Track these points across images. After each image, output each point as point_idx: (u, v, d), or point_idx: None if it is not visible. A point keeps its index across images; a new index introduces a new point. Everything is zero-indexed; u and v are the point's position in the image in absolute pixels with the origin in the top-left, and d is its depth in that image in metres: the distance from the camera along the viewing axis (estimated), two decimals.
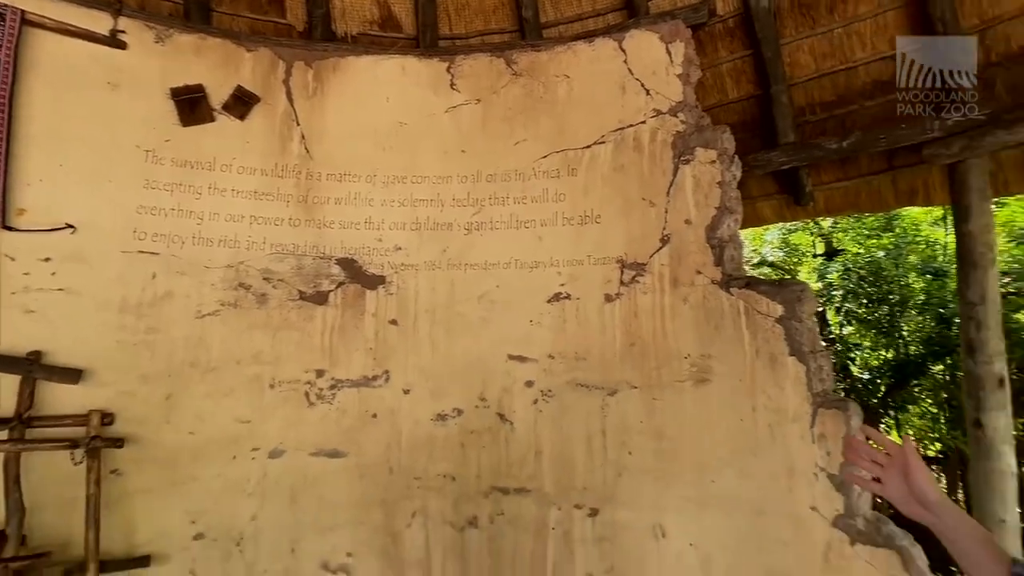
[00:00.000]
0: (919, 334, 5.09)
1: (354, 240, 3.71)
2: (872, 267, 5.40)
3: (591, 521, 3.20)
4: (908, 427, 5.57)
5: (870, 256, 5.52)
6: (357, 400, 3.49)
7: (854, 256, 5.75)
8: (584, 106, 3.68)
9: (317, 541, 3.31)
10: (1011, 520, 3.01)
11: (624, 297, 3.36)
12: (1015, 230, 5.21)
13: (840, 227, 6.12)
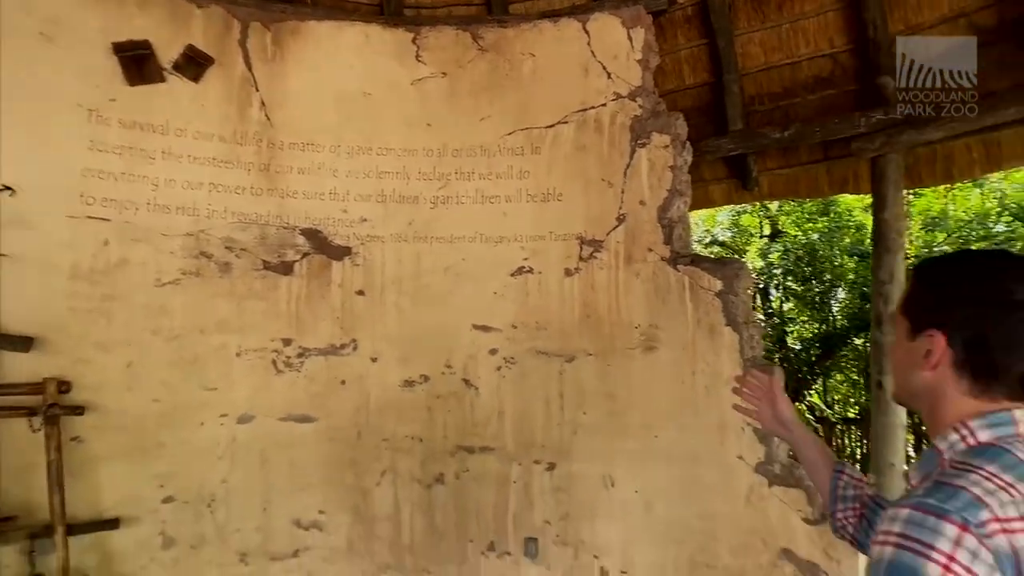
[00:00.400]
0: (846, 310, 6.06)
1: (318, 211, 4.09)
2: (808, 248, 6.33)
3: (549, 474, 3.84)
4: (834, 392, 6.62)
5: (806, 239, 6.45)
6: (325, 367, 3.94)
7: (793, 238, 6.67)
8: (548, 85, 4.18)
9: (289, 501, 3.79)
10: (898, 464, 3.90)
11: (582, 272, 3.95)
12: (927, 217, 6.24)
13: (783, 211, 7.00)
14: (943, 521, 0.68)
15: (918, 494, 0.74)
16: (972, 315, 0.82)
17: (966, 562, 0.65)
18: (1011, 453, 0.75)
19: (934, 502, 0.70)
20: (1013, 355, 0.80)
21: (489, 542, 3.88)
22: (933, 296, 0.87)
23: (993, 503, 0.69)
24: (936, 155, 4.46)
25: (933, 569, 0.65)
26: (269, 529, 3.76)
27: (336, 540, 3.83)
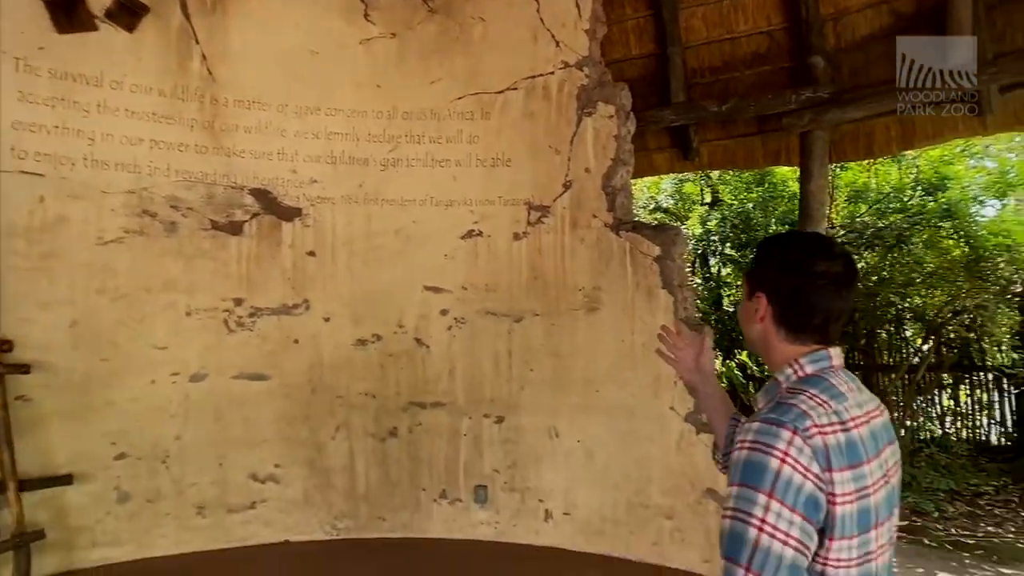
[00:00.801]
0: None
1: (267, 171, 4.11)
2: (743, 216, 6.76)
3: (497, 427, 4.13)
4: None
5: (742, 207, 6.88)
6: (277, 327, 4.05)
7: (730, 207, 7.09)
8: (498, 51, 4.29)
9: (244, 455, 3.93)
10: None
11: (530, 236, 4.17)
12: (852, 190, 6.77)
13: (723, 180, 7.39)
14: (781, 428, 0.96)
15: (764, 412, 1.03)
16: (784, 282, 1.11)
17: (795, 455, 0.93)
18: (827, 380, 1.07)
19: (775, 416, 0.99)
20: (814, 311, 1.10)
21: (441, 490, 4.16)
22: (761, 267, 1.15)
23: (814, 415, 0.98)
24: (859, 132, 4.85)
25: (774, 461, 0.93)
26: (225, 483, 3.91)
27: (292, 492, 4.03)
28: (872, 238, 6.25)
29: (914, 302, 6.70)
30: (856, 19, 4.45)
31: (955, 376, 7.16)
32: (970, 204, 5.99)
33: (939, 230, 5.95)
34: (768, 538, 0.90)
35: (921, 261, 6.09)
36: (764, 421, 0.98)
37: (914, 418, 6.85)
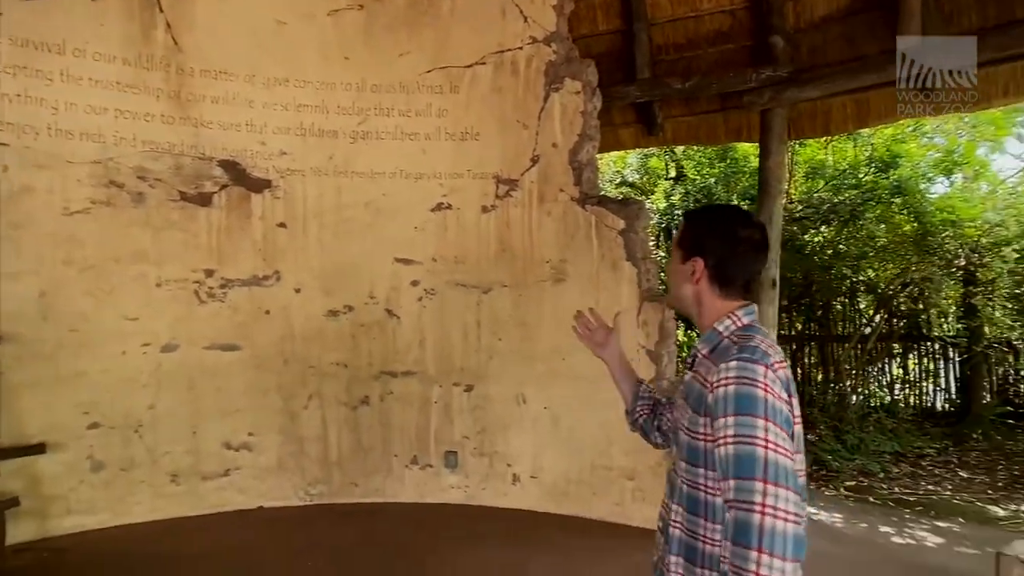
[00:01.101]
0: None
1: (236, 142, 4.14)
2: (706, 191, 6.98)
3: (467, 395, 4.30)
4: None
5: (704, 182, 7.10)
6: (249, 298, 4.12)
7: (693, 181, 7.31)
8: (467, 25, 4.35)
9: (218, 424, 4.03)
10: None
11: (499, 209, 4.30)
12: (810, 166, 7.04)
13: (687, 155, 7.59)
14: (756, 364, 1.11)
15: (734, 354, 1.16)
16: (718, 247, 1.29)
17: (771, 385, 1.10)
18: (761, 329, 1.28)
19: (747, 356, 1.14)
20: (739, 271, 1.30)
21: (412, 456, 4.32)
22: (695, 235, 1.32)
23: (772, 353, 1.15)
24: (816, 110, 5.07)
25: (759, 391, 1.09)
26: (199, 451, 4.00)
27: (266, 459, 4.14)
28: (828, 213, 6.55)
29: (867, 275, 7.05)
30: (815, 0, 4.62)
31: (904, 346, 7.58)
32: (920, 181, 6.31)
33: (890, 206, 6.26)
34: (774, 454, 1.07)
35: (873, 236, 6.41)
36: (739, 360, 1.13)
37: (865, 385, 7.25)
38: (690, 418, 1.23)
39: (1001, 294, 6.18)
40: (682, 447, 1.26)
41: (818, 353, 7.61)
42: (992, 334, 6.81)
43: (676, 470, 1.30)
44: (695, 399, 1.23)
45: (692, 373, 1.29)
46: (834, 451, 5.93)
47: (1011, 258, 5.84)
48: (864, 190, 6.41)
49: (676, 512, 1.28)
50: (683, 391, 1.31)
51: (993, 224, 5.88)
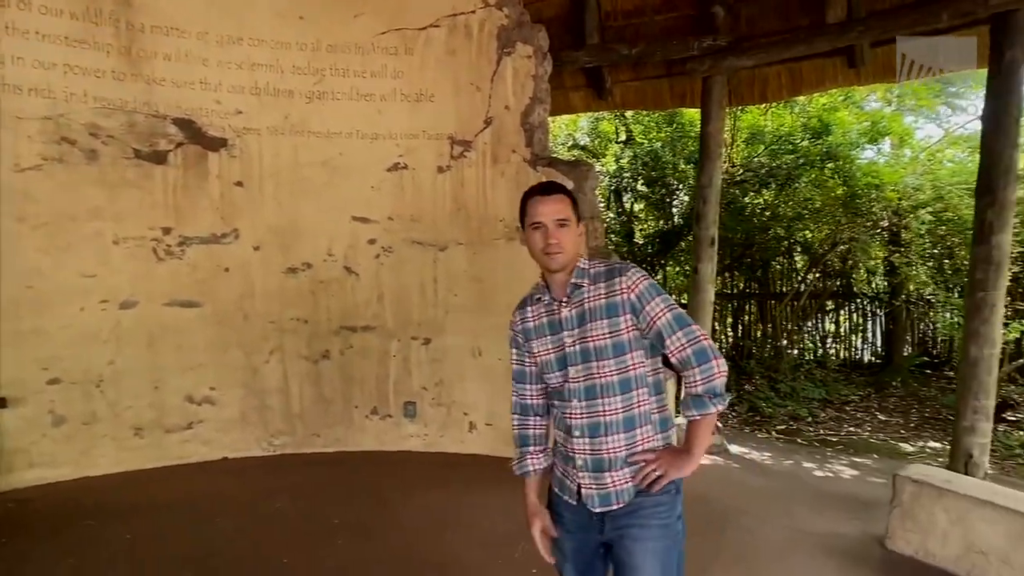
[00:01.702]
0: (684, 210, 7.21)
1: (190, 100, 4.19)
2: (653, 155, 7.33)
3: (425, 348, 4.55)
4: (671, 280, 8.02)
5: (650, 146, 7.46)
6: (208, 255, 4.23)
7: (640, 145, 7.65)
8: None
9: (180, 379, 4.17)
10: None
11: (453, 169, 4.49)
12: (750, 132, 7.46)
13: (636, 119, 7.90)
14: (638, 268, 1.57)
15: (619, 268, 1.57)
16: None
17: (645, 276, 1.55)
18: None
19: (630, 264, 1.58)
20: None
21: (373, 407, 4.57)
22: (574, 207, 1.62)
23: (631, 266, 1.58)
24: (754, 79, 5.41)
25: (648, 280, 1.54)
26: (162, 405, 4.14)
27: (229, 412, 4.32)
28: (766, 177, 6.99)
29: (804, 236, 7.56)
30: None
31: (836, 302, 8.19)
32: (849, 148, 6.78)
33: (823, 171, 6.74)
34: (683, 309, 1.56)
35: (808, 199, 6.88)
36: (632, 268, 1.57)
37: (799, 339, 7.84)
38: (610, 323, 1.53)
39: (919, 253, 6.77)
40: (604, 352, 1.54)
41: (758, 310, 8.15)
42: (913, 291, 7.45)
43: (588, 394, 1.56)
44: (606, 309, 1.53)
45: (578, 303, 1.56)
46: (767, 398, 6.47)
47: (927, 220, 6.40)
48: (799, 156, 6.87)
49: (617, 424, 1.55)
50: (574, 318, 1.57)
51: (912, 188, 6.42)
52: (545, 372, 1.64)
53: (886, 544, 3.27)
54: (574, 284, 1.59)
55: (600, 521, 1.58)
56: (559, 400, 1.63)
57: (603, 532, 1.59)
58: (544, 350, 1.63)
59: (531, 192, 1.68)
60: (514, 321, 1.72)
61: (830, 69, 5.03)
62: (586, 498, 1.58)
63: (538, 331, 1.65)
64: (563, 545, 1.66)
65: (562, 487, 1.65)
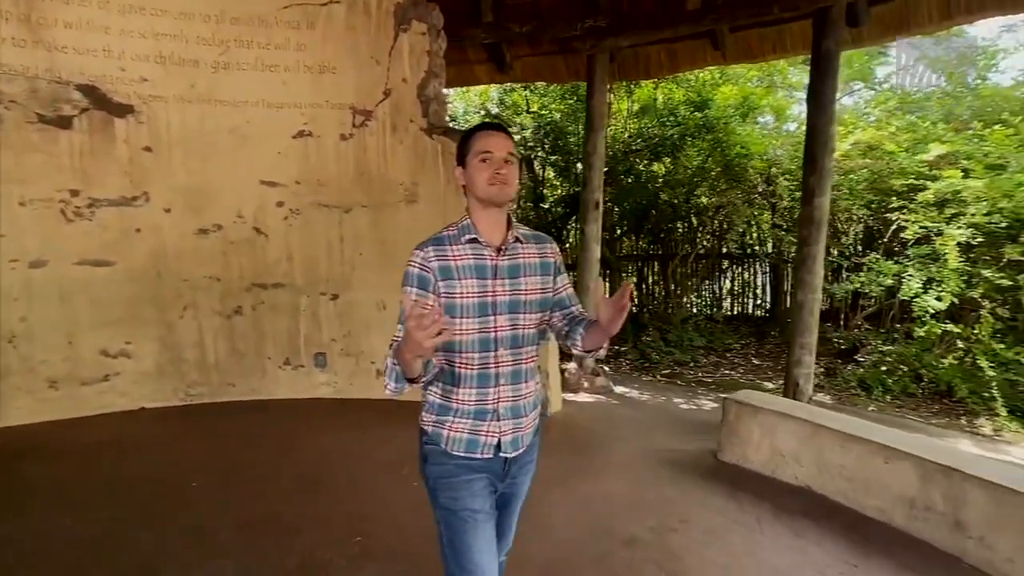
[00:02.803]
0: None
1: (93, 68, 4.37)
2: (554, 125, 7.90)
3: (333, 303, 4.98)
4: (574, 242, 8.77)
5: (551, 117, 8.03)
6: (118, 217, 4.47)
7: (541, 115, 8.22)
8: None
9: (94, 334, 4.44)
10: (592, 286, 5.73)
11: (356, 137, 4.88)
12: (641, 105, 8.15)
13: (542, 91, 8.42)
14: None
15: (541, 234, 1.75)
16: None
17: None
18: None
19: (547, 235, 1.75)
20: None
21: (285, 358, 4.97)
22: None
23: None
24: (638, 56, 6.02)
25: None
26: (77, 359, 4.41)
27: (145, 365, 4.63)
28: (656, 147, 7.69)
29: (699, 201, 8.35)
30: None
31: (730, 262, 9.09)
32: (727, 120, 7.54)
33: (704, 141, 7.48)
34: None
35: (697, 167, 7.63)
36: (550, 238, 1.80)
37: (692, 295, 8.70)
38: (542, 280, 1.65)
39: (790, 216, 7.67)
40: (531, 306, 1.62)
41: (661, 270, 8.95)
42: (790, 251, 8.39)
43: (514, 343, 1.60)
44: (540, 267, 1.65)
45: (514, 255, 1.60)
46: (657, 347, 7.25)
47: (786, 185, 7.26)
48: (684, 127, 7.59)
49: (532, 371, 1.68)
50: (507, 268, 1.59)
51: (775, 157, 7.25)
52: (454, 315, 1.54)
53: (717, 455, 4.01)
54: (516, 237, 1.63)
55: (506, 468, 1.64)
56: (470, 350, 1.57)
57: (505, 478, 1.66)
58: (464, 292, 1.55)
59: (477, 128, 1.65)
60: (426, 258, 1.55)
61: (700, 50, 5.69)
62: (505, 446, 1.61)
63: (461, 271, 1.55)
64: (475, 504, 1.58)
65: (472, 445, 1.59)
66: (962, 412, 5.35)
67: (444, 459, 1.61)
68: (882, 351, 6.03)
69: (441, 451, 1.61)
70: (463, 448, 1.60)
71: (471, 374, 1.58)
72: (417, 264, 1.56)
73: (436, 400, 1.65)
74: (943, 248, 5.09)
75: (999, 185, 4.92)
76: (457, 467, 1.60)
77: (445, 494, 1.61)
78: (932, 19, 4.44)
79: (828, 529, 3.07)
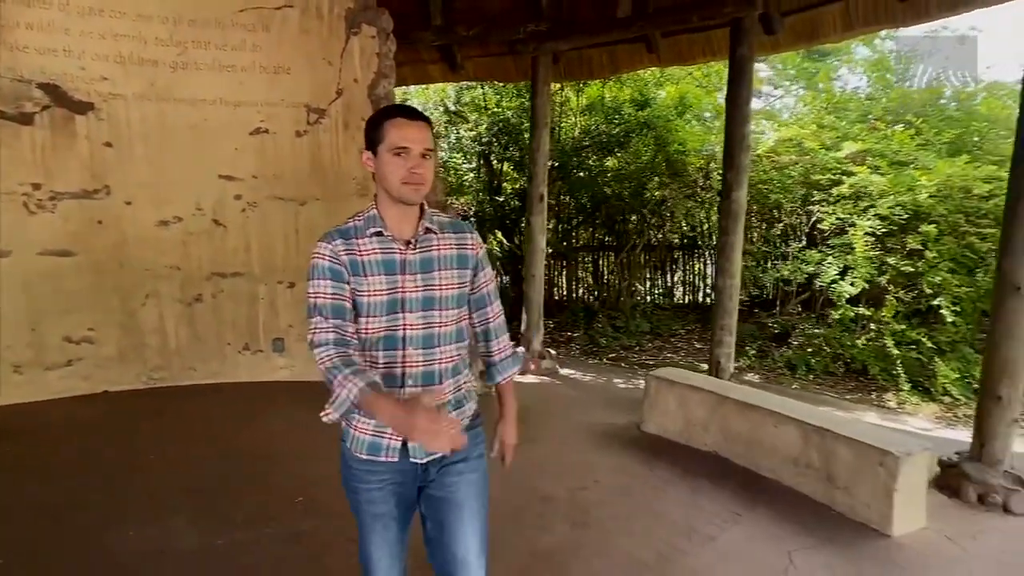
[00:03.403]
0: None
1: (54, 67, 4.58)
2: (505, 122, 8.27)
3: (290, 291, 5.27)
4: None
5: (503, 114, 8.41)
6: (80, 210, 4.70)
7: (495, 113, 8.59)
8: None
9: (58, 321, 4.67)
10: (538, 274, 6.11)
11: (310, 134, 5.17)
12: (588, 103, 8.60)
13: (496, 88, 8.78)
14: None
15: (460, 224, 1.64)
16: None
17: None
18: None
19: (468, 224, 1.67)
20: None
21: (244, 343, 5.25)
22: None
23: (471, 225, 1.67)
24: (581, 58, 6.40)
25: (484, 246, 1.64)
26: (41, 345, 4.64)
27: (108, 351, 4.87)
28: (604, 143, 8.10)
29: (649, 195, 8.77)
30: None
31: (682, 252, 9.54)
32: (666, 119, 7.99)
33: (646, 138, 7.91)
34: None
35: (646, 162, 8.05)
36: (472, 227, 1.72)
37: (644, 285, 9.15)
38: (459, 274, 1.55)
39: None
40: (447, 302, 1.53)
41: (615, 260, 9.37)
42: None
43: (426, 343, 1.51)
44: (457, 260, 1.54)
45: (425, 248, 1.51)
46: (605, 333, 7.67)
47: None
48: (628, 125, 8.02)
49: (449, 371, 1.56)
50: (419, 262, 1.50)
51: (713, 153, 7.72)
52: (362, 314, 1.49)
53: (641, 427, 4.42)
54: (427, 228, 1.53)
55: (424, 470, 1.57)
56: (374, 348, 1.51)
57: (426, 480, 1.58)
58: (374, 290, 1.48)
59: (391, 112, 1.53)
60: (335, 250, 1.48)
61: (637, 53, 6.08)
62: (413, 450, 1.53)
63: (369, 267, 1.48)
64: (376, 508, 1.57)
65: (375, 448, 1.54)
66: (873, 388, 5.87)
67: (351, 460, 1.58)
68: (808, 334, 6.53)
69: (349, 451, 1.59)
70: (365, 450, 1.55)
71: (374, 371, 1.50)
72: (328, 256, 1.48)
73: None
74: (855, 238, 5.57)
75: (901, 180, 5.41)
76: (360, 469, 1.57)
77: (351, 495, 1.60)
78: (836, 29, 4.89)
79: (724, 487, 3.49)
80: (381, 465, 1.55)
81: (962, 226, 5.34)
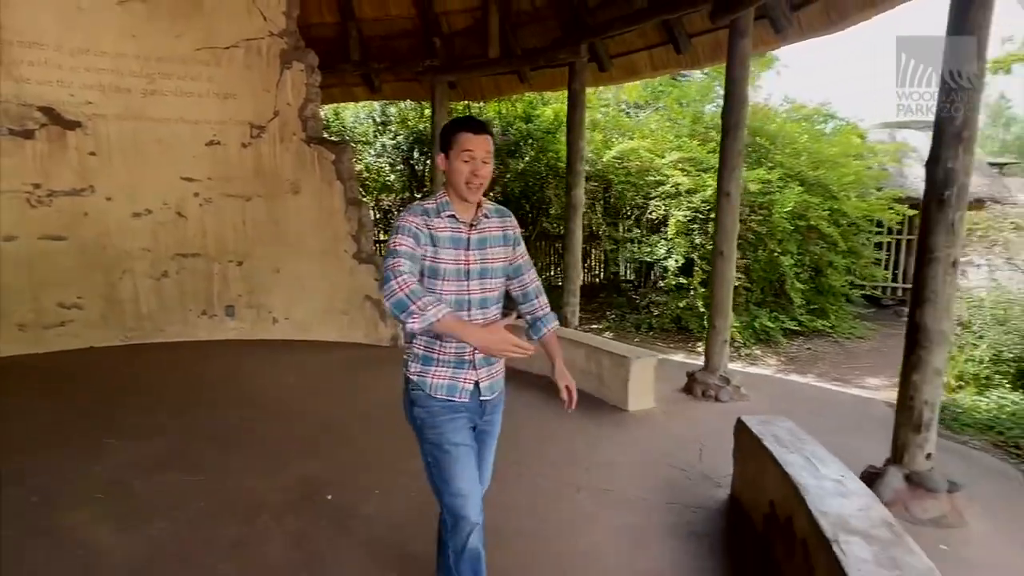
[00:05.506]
0: None
1: (50, 94, 6.05)
2: (416, 135, 10.11)
3: (239, 268, 6.86)
4: None
5: (415, 129, 10.24)
6: (71, 204, 6.17)
7: (411, 127, 10.44)
8: (224, 18, 6.60)
9: (54, 291, 6.13)
10: None
11: (253, 145, 6.77)
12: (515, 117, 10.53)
13: (412, 105, 10.57)
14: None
15: (503, 208, 2.01)
16: None
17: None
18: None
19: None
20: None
21: (202, 310, 6.81)
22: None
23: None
24: (473, 83, 8.23)
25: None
26: (40, 309, 6.10)
27: (93, 315, 6.35)
28: (500, 150, 9.94)
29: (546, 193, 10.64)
30: (456, 17, 7.60)
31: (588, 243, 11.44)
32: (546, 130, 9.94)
33: (533, 148, 9.81)
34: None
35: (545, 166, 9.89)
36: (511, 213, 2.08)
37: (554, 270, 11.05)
38: (504, 250, 1.96)
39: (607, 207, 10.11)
40: (496, 272, 1.93)
41: None
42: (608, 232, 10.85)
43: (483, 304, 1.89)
44: (502, 239, 1.95)
45: (481, 229, 1.89)
46: None
47: None
48: (518, 136, 9.95)
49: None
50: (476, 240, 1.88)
51: None
52: (438, 277, 1.83)
53: None
54: (484, 215, 1.90)
55: (483, 408, 1.96)
56: (451, 307, 1.73)
57: (483, 416, 1.98)
58: (445, 259, 1.82)
59: (464, 125, 1.84)
60: (427, 222, 1.82)
61: (513, 81, 7.93)
62: (484, 390, 1.93)
63: (443, 241, 1.82)
64: (456, 438, 1.88)
65: (452, 390, 1.89)
66: (691, 340, 7.84)
67: (429, 402, 1.90)
68: (654, 301, 8.50)
69: (426, 395, 1.90)
70: (444, 392, 1.89)
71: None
72: (414, 223, 1.80)
73: (420, 352, 1.92)
74: (673, 225, 7.57)
75: (698, 182, 7.49)
76: (441, 408, 1.90)
77: (431, 431, 1.90)
78: (647, 68, 6.84)
79: (542, 390, 5.31)
80: (458, 404, 1.91)
81: (744, 215, 7.33)
